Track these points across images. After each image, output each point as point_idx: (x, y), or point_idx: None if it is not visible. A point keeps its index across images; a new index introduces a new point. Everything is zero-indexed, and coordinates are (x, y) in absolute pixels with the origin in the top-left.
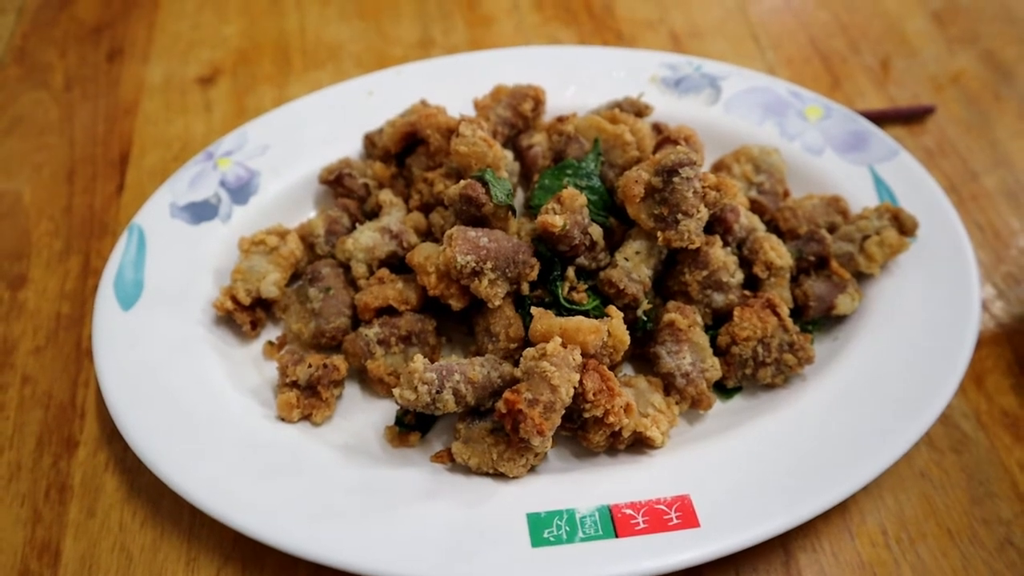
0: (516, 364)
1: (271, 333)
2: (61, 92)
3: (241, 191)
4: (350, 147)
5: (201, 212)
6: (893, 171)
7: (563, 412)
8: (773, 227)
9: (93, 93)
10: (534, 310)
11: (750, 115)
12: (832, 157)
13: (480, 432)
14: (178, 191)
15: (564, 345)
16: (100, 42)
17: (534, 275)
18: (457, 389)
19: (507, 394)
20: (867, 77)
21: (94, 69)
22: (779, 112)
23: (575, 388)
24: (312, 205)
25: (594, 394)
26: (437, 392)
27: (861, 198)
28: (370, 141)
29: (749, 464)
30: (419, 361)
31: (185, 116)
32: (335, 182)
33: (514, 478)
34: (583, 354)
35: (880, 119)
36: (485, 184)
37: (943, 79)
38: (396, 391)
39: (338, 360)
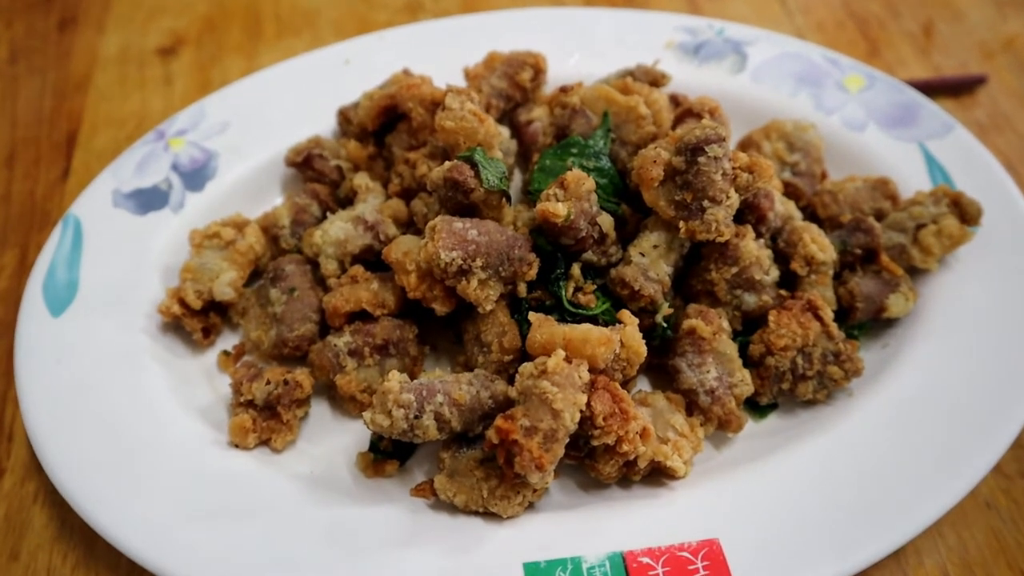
0: (511, 380)
1: (228, 341)
2: (4, 65)
3: (196, 175)
4: (322, 124)
5: (149, 200)
6: (947, 149)
7: (567, 440)
8: (810, 214)
9: (41, 66)
10: (532, 316)
11: (781, 85)
12: (876, 133)
13: (468, 463)
14: (123, 176)
15: (568, 359)
16: (51, 10)
17: (532, 274)
18: (440, 413)
19: (499, 421)
20: (908, 44)
21: (43, 40)
22: (814, 82)
23: (582, 412)
24: (278, 191)
25: (604, 418)
26: (415, 417)
27: (911, 180)
28: (345, 117)
29: (789, 500)
30: (394, 379)
31: (142, 91)
32: (303, 164)
33: (508, 518)
34: (591, 369)
35: (925, 91)
36: (474, 166)
37: (994, 45)
38: (367, 415)
39: (302, 375)
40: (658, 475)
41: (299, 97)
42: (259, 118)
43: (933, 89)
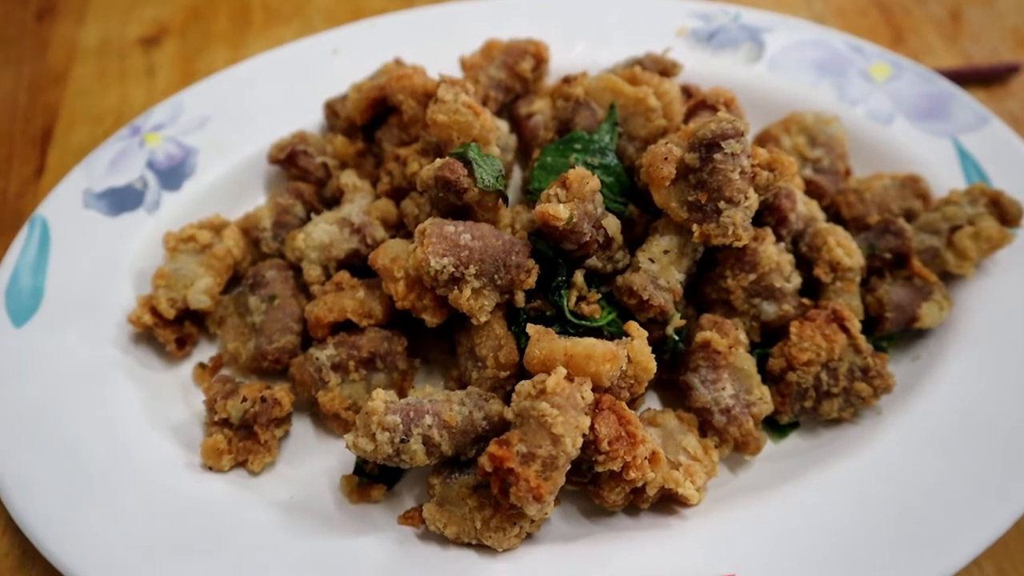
0: (508, 398)
1: (205, 352)
2: None
3: (173, 173)
4: (308, 118)
5: (122, 200)
6: (982, 143)
7: (568, 467)
8: (833, 215)
9: (16, 58)
10: (531, 328)
11: (801, 75)
12: (905, 126)
13: (460, 490)
14: (94, 175)
15: (570, 377)
16: None
17: (531, 282)
18: (428, 436)
19: (493, 447)
20: (935, 30)
21: (19, 30)
22: (837, 71)
23: (585, 436)
24: (262, 191)
25: (610, 443)
26: (402, 441)
27: (944, 177)
28: (332, 110)
29: (813, 530)
30: (379, 398)
31: (123, 84)
32: (287, 161)
33: (504, 551)
34: (595, 388)
35: (954, 80)
36: (468, 163)
37: None
38: (348, 438)
39: (281, 391)
40: (669, 502)
41: (284, 89)
42: (241, 112)
43: (963, 79)
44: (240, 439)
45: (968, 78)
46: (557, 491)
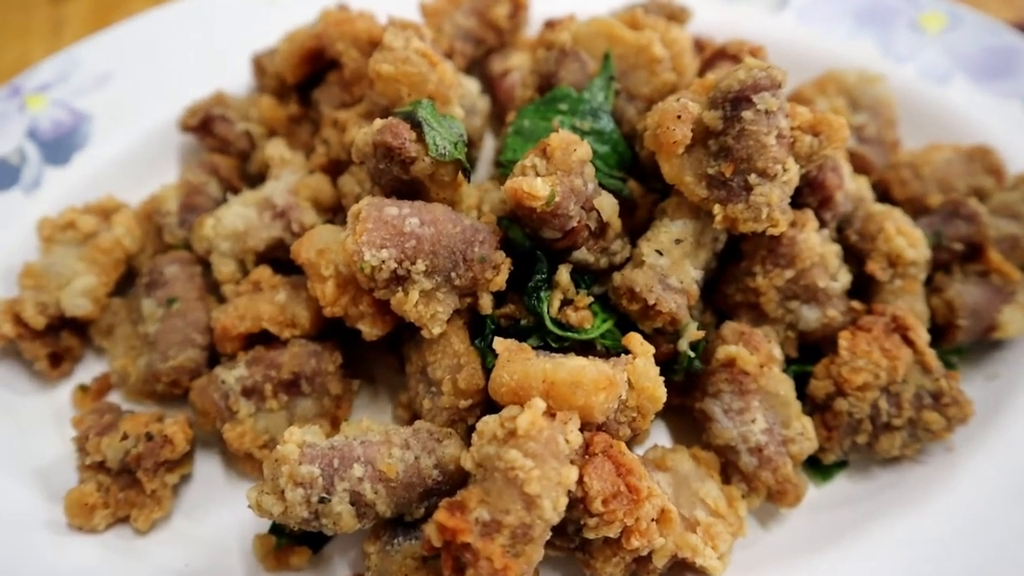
0: (470, 436)
1: (91, 370)
2: None
3: (60, 145)
4: (235, 78)
5: None
6: None
7: (549, 535)
8: (881, 194)
9: None
10: (499, 343)
11: (837, 25)
12: (965, 87)
13: (404, 562)
14: None
15: (551, 413)
16: None
17: (501, 281)
18: (358, 493)
19: (442, 514)
20: None
21: None
22: (880, 20)
23: (571, 493)
24: (172, 166)
25: (604, 501)
26: (321, 500)
27: (1017, 148)
28: (260, 67)
29: None
30: (292, 441)
31: (24, 40)
32: (200, 129)
33: None
34: (584, 425)
35: None
36: (417, 125)
37: None
38: (251, 495)
39: (175, 425)
40: (683, 570)
41: (205, 43)
42: (150, 69)
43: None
44: (120, 488)
45: None
46: (532, 569)
